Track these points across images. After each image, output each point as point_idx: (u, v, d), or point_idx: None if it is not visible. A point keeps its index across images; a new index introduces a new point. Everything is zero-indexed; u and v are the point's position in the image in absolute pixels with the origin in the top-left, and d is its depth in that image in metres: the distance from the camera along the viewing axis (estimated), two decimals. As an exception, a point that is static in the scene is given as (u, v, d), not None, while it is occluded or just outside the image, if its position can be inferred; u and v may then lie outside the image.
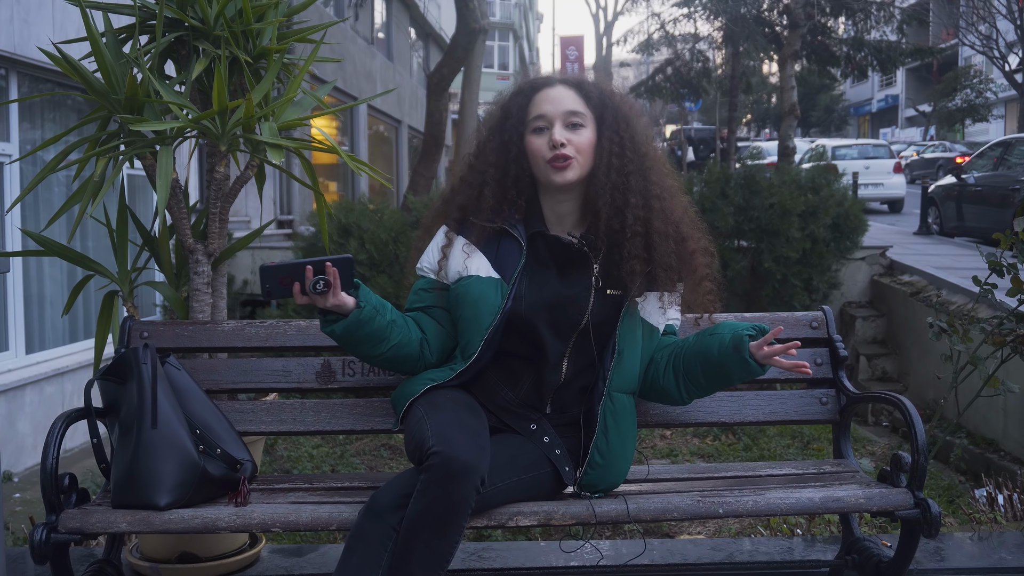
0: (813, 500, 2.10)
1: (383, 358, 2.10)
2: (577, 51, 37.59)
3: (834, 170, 10.66)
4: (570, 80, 2.18)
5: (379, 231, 7.22)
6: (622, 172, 2.10)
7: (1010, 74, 27.24)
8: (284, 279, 1.95)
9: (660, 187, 2.14)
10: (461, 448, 1.86)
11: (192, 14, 2.64)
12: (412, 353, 2.12)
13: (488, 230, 2.15)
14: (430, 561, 1.85)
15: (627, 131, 2.13)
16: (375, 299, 2.04)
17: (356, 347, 2.07)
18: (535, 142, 2.12)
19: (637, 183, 2.10)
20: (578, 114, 2.12)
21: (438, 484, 1.83)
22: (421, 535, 1.84)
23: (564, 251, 2.13)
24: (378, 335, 2.04)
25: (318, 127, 7.59)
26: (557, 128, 2.10)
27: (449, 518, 1.84)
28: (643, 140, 2.16)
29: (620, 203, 2.09)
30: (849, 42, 16.15)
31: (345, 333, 2.01)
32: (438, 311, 2.17)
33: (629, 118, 2.16)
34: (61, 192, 6.84)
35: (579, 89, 2.15)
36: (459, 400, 2.08)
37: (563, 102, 2.12)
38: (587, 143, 2.11)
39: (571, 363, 2.13)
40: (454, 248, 2.16)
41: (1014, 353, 4.11)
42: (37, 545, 1.96)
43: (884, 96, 42.41)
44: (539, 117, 2.12)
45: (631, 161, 2.11)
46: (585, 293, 2.11)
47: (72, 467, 4.33)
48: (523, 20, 41.04)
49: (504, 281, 2.10)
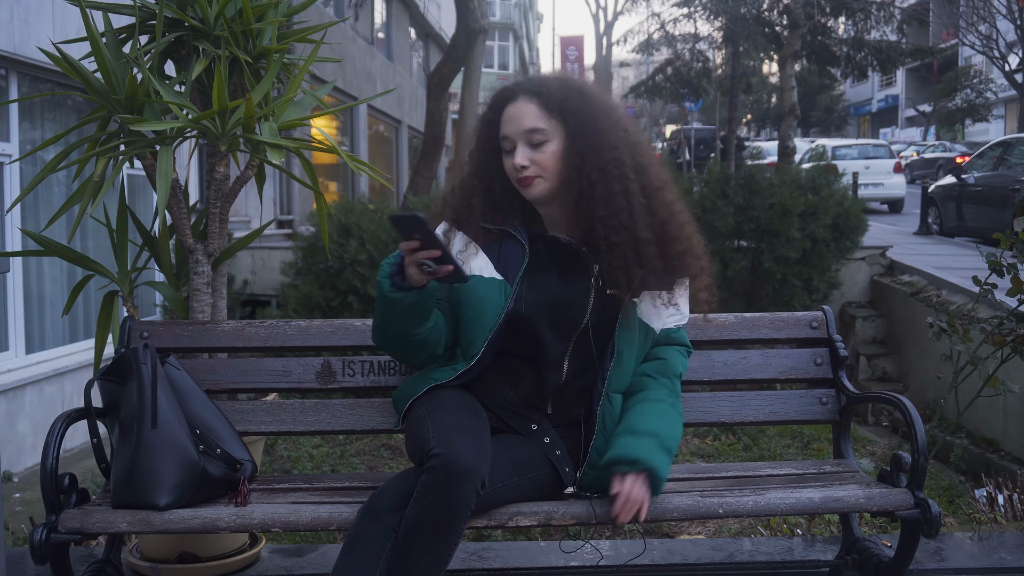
0: (813, 500, 2.10)
1: (417, 339, 2.06)
2: (577, 51, 37.59)
3: (834, 170, 10.64)
4: (530, 88, 2.10)
5: (379, 231, 7.22)
6: (585, 181, 2.05)
7: (1010, 74, 27.25)
8: (416, 234, 1.87)
9: (636, 190, 2.06)
10: (462, 451, 1.85)
11: (192, 14, 2.64)
12: (441, 339, 2.12)
13: (490, 232, 2.15)
14: (429, 563, 1.85)
15: (591, 135, 2.06)
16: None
17: (409, 319, 2.01)
18: (506, 162, 2.12)
19: (602, 190, 2.04)
20: (538, 131, 2.06)
21: (439, 486, 1.83)
22: (420, 536, 1.84)
23: (563, 251, 2.13)
24: (425, 312, 2.02)
25: (318, 127, 7.59)
26: (519, 149, 2.07)
27: (449, 520, 1.84)
28: (611, 139, 2.07)
29: (588, 214, 2.06)
30: (849, 42, 16.15)
31: (404, 299, 1.95)
32: (444, 304, 2.17)
33: (593, 120, 2.07)
34: (61, 192, 6.84)
35: (539, 99, 2.08)
36: (461, 401, 2.08)
37: (522, 120, 2.07)
38: (551, 156, 2.06)
39: (571, 363, 2.13)
40: (454, 245, 2.15)
41: (1014, 353, 4.11)
42: (37, 545, 1.96)
43: (884, 96, 42.42)
44: (504, 138, 2.11)
45: (594, 168, 2.04)
46: (585, 293, 2.11)
47: (72, 467, 4.33)
48: (523, 20, 41.04)
49: (507, 282, 2.10)
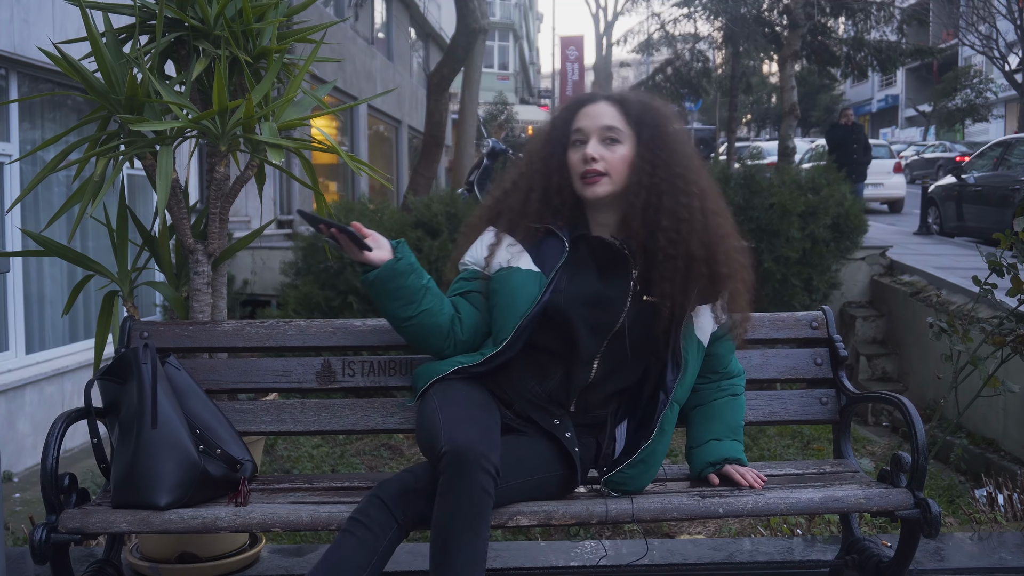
0: (813, 500, 2.11)
1: (412, 323, 2.12)
2: (577, 51, 37.60)
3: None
4: (613, 96, 2.22)
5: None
6: (654, 191, 2.11)
7: (1010, 74, 27.25)
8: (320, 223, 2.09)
9: (697, 209, 2.12)
10: (470, 439, 1.89)
11: (192, 14, 2.64)
12: (442, 325, 2.15)
13: (535, 231, 2.19)
14: (470, 560, 1.85)
15: (664, 149, 2.14)
16: (414, 260, 2.12)
17: (388, 301, 2.11)
18: (572, 156, 2.17)
19: (669, 203, 2.11)
20: (614, 129, 2.14)
21: (454, 479, 1.86)
22: (453, 535, 1.85)
23: (606, 252, 2.17)
24: (410, 294, 2.09)
25: (318, 127, 7.58)
26: (592, 143, 2.14)
27: (475, 510, 1.85)
28: (681, 159, 2.15)
29: (652, 223, 2.11)
30: (849, 42, 16.12)
31: (377, 280, 2.07)
32: (477, 296, 2.21)
33: (667, 136, 2.16)
34: (61, 192, 6.84)
35: (620, 105, 2.18)
36: (473, 397, 2.10)
37: (601, 117, 2.16)
38: (621, 159, 2.14)
39: (602, 364, 2.15)
40: (501, 245, 2.21)
41: (1014, 353, 4.11)
42: (37, 545, 1.96)
43: (884, 96, 42.40)
44: (578, 131, 2.17)
45: (664, 181, 2.12)
46: (623, 296, 2.14)
47: (72, 467, 4.33)
48: (523, 20, 41.05)
49: (544, 275, 2.14)
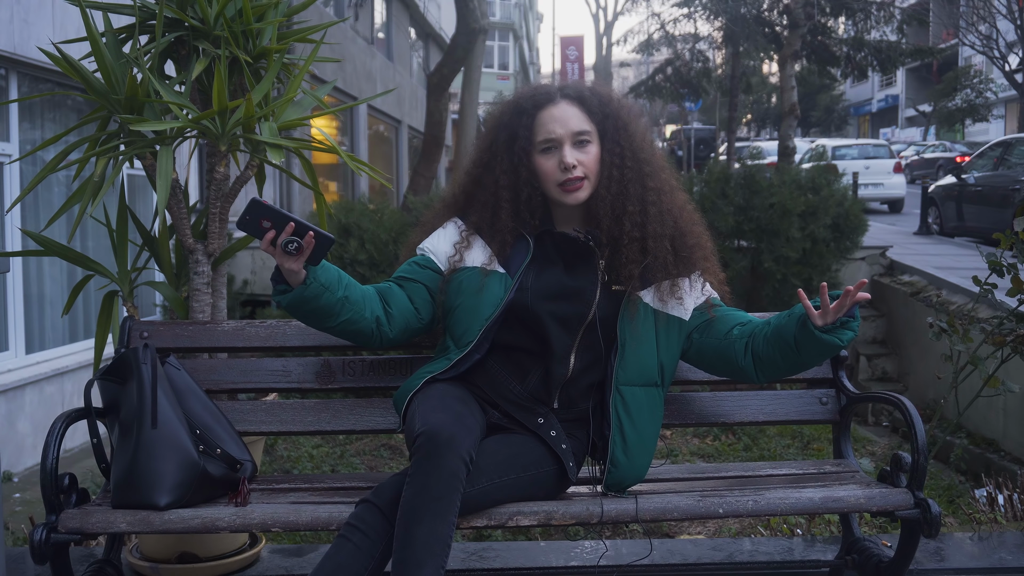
0: (813, 500, 2.11)
1: (333, 331, 2.11)
2: (577, 51, 37.61)
3: (834, 170, 10.64)
4: (570, 93, 2.17)
5: (379, 231, 7.23)
6: (621, 182, 2.14)
7: (1010, 74, 27.23)
8: (264, 221, 1.92)
9: (657, 190, 2.16)
10: (442, 422, 1.90)
11: (192, 14, 2.64)
12: (364, 330, 2.11)
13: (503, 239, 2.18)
14: (433, 542, 1.84)
15: (626, 139, 2.16)
16: (331, 277, 2.01)
17: (303, 319, 2.09)
18: (545, 164, 2.14)
19: (635, 190, 2.14)
20: (584, 132, 2.14)
21: (426, 460, 1.86)
22: (419, 514, 1.85)
23: (571, 246, 2.16)
24: (324, 312, 2.04)
25: (318, 127, 7.59)
26: (567, 149, 2.12)
27: (442, 491, 1.85)
28: (641, 144, 2.18)
29: (619, 212, 2.13)
30: (849, 42, 16.13)
31: (290, 306, 2.02)
32: (419, 288, 2.17)
33: (628, 124, 2.18)
34: (61, 192, 6.84)
35: (581, 103, 2.16)
36: (450, 391, 2.09)
37: (570, 122, 2.13)
38: (594, 159, 2.14)
39: (578, 358, 2.14)
40: (470, 248, 2.19)
41: (1014, 353, 4.11)
42: (37, 545, 1.96)
43: (884, 96, 42.38)
44: (547, 140, 2.13)
45: (630, 169, 2.14)
46: (591, 287, 2.14)
47: (72, 467, 4.34)
48: (523, 20, 41.01)
49: (509, 276, 2.13)
